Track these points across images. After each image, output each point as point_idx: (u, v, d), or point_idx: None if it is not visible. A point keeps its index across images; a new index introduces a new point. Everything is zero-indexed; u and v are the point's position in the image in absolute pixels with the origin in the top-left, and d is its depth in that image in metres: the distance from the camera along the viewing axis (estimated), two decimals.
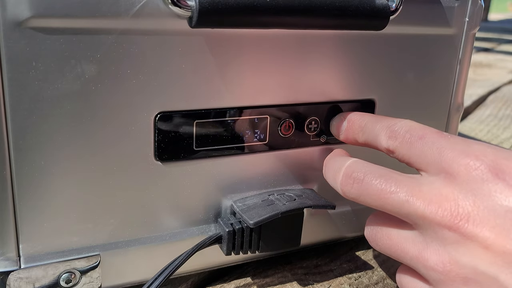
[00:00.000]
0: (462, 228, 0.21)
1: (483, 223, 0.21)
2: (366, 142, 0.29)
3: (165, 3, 0.24)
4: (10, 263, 0.25)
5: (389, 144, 0.26)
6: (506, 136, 0.68)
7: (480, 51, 1.64)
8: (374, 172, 0.25)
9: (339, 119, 0.30)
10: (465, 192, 0.22)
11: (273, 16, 0.25)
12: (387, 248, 0.26)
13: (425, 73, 0.33)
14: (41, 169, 0.24)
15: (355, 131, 0.29)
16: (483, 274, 0.21)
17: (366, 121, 0.29)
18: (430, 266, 0.23)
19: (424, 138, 0.25)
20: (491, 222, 0.21)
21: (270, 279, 0.31)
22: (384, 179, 0.25)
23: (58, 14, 0.22)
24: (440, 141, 0.24)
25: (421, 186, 0.24)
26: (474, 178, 0.22)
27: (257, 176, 0.30)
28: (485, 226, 0.21)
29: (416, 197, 0.23)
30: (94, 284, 0.27)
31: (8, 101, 0.22)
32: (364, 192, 0.25)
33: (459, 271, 0.22)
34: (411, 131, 0.26)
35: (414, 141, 0.25)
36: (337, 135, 0.31)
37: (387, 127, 0.27)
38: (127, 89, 0.25)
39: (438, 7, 0.32)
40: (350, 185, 0.26)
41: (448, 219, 0.22)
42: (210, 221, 0.30)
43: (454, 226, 0.22)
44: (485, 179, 0.22)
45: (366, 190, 0.25)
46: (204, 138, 0.27)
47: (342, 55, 0.30)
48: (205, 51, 0.26)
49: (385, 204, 0.24)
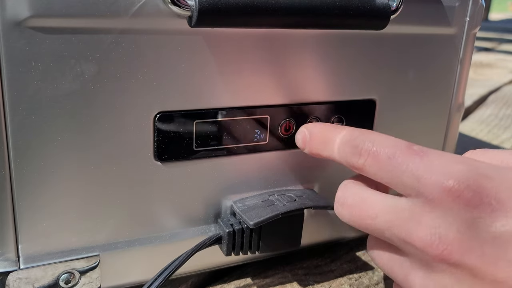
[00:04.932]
0: (448, 257, 0.20)
1: (470, 252, 0.20)
2: (330, 157, 0.27)
3: (164, 3, 0.24)
4: (9, 263, 0.25)
5: (353, 162, 0.25)
6: (506, 136, 0.68)
7: (481, 50, 1.64)
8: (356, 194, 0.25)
9: (302, 132, 0.29)
10: (449, 219, 0.21)
11: (273, 16, 0.25)
12: (380, 266, 0.26)
13: (426, 73, 0.33)
14: (40, 169, 0.24)
15: (317, 146, 0.27)
16: None
17: (326, 134, 0.27)
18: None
19: (394, 158, 0.23)
20: (478, 251, 0.20)
21: (270, 280, 0.31)
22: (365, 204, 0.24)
23: (58, 13, 0.22)
24: (414, 162, 0.22)
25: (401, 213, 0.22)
26: (457, 205, 0.20)
27: (257, 176, 0.30)
28: (472, 255, 0.20)
29: (397, 226, 0.22)
30: (93, 284, 0.27)
31: (7, 101, 0.22)
32: (352, 217, 0.25)
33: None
34: (376, 146, 0.24)
35: (383, 161, 0.23)
36: (302, 148, 0.29)
37: (347, 141, 0.25)
38: (127, 89, 0.25)
39: (438, 6, 0.32)
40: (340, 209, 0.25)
41: (432, 248, 0.21)
42: (210, 222, 0.30)
43: (439, 255, 0.21)
44: (470, 205, 0.20)
45: (352, 215, 0.24)
46: (204, 138, 0.27)
47: (343, 55, 0.30)
48: (205, 51, 0.26)
49: (369, 230, 0.24)
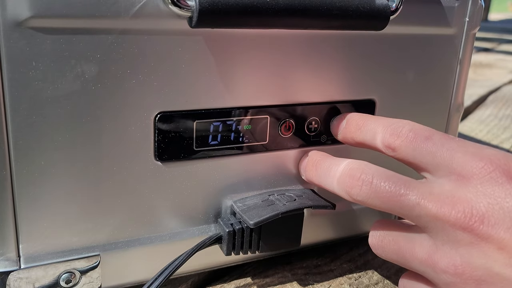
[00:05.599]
0: (477, 230, 0.21)
1: (498, 224, 0.21)
2: (363, 141, 0.28)
3: (165, 3, 0.24)
4: (10, 263, 0.25)
5: (390, 142, 0.26)
6: (506, 136, 0.68)
7: (480, 51, 1.64)
8: (381, 174, 0.25)
9: (339, 119, 0.30)
10: (479, 194, 0.22)
11: (273, 16, 0.25)
12: (394, 253, 0.26)
13: (425, 73, 0.33)
14: (41, 169, 0.24)
15: (352, 130, 0.29)
16: (497, 276, 0.21)
17: (364, 120, 0.28)
18: (440, 268, 0.23)
19: (431, 139, 0.25)
20: (506, 223, 0.21)
21: (270, 279, 0.31)
22: (393, 181, 0.24)
23: (58, 14, 0.22)
24: (450, 143, 0.24)
25: (431, 189, 0.23)
26: (488, 181, 0.22)
27: (257, 176, 0.30)
28: (500, 227, 0.21)
29: (428, 200, 0.23)
30: (94, 284, 0.27)
31: (8, 101, 0.22)
32: (372, 194, 0.24)
33: (472, 273, 0.22)
34: (415, 130, 0.25)
35: (420, 141, 0.25)
36: (335, 134, 0.31)
37: (388, 125, 0.26)
38: (127, 89, 0.25)
39: (438, 7, 0.32)
40: (358, 187, 0.25)
41: (462, 220, 0.22)
42: (210, 221, 0.30)
43: (468, 227, 0.22)
44: (500, 182, 0.22)
45: (375, 192, 0.24)
46: (204, 138, 0.27)
47: (342, 55, 0.30)
48: (205, 51, 0.26)
49: (395, 206, 0.24)
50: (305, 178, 0.30)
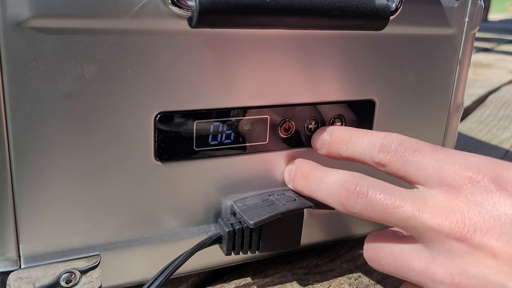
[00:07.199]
0: (470, 239, 0.22)
1: (490, 233, 0.21)
2: (351, 157, 0.28)
3: (165, 3, 0.24)
4: (10, 263, 0.25)
5: (380, 158, 0.26)
6: (506, 136, 0.68)
7: (480, 51, 1.64)
8: (377, 185, 0.25)
9: (321, 133, 0.30)
10: (470, 204, 0.22)
11: (273, 16, 0.25)
12: (391, 266, 0.26)
13: (425, 73, 0.33)
14: (41, 169, 0.24)
15: (338, 146, 0.29)
16: (492, 283, 0.21)
17: (349, 134, 0.28)
18: (438, 279, 0.23)
19: (420, 151, 0.25)
20: (497, 231, 0.21)
21: (270, 279, 0.31)
22: (388, 193, 0.24)
23: (58, 14, 0.22)
24: (438, 155, 0.24)
25: (425, 199, 0.24)
26: (478, 190, 0.22)
27: (257, 176, 0.30)
28: (492, 236, 0.21)
29: (422, 211, 0.23)
30: (94, 284, 0.27)
31: (8, 101, 0.22)
32: (369, 207, 0.25)
33: (468, 282, 0.22)
34: (404, 144, 0.26)
35: (409, 155, 0.25)
36: (318, 149, 0.30)
37: (376, 141, 0.27)
38: (127, 89, 0.25)
39: (438, 7, 0.32)
40: (354, 200, 0.25)
41: (456, 230, 0.22)
42: (210, 221, 0.30)
43: (462, 237, 0.22)
44: (489, 190, 0.22)
45: (371, 205, 0.24)
46: (204, 138, 0.27)
47: (342, 55, 0.30)
48: (205, 51, 0.26)
49: (391, 218, 0.24)
50: (293, 188, 0.30)
